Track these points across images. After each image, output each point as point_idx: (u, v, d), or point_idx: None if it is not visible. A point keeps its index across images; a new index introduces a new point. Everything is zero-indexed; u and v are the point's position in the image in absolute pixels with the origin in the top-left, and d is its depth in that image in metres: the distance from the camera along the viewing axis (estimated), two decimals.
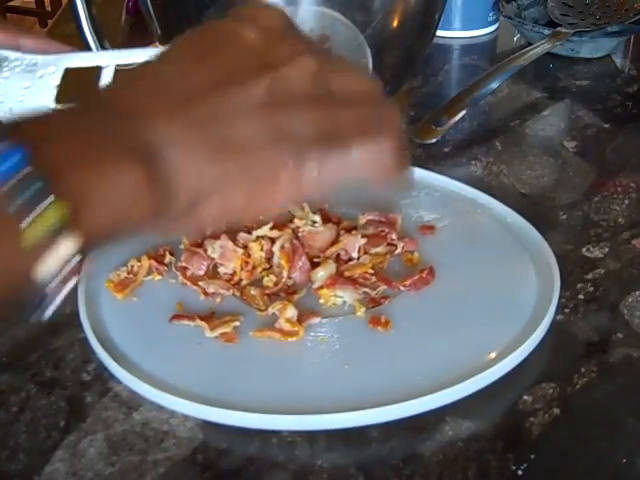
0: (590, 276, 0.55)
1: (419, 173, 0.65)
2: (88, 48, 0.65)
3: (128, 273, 0.53)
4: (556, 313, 0.50)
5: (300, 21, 0.58)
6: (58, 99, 0.42)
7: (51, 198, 0.28)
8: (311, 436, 0.43)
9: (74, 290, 0.50)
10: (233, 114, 0.33)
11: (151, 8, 0.65)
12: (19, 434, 0.43)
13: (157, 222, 0.33)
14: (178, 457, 0.42)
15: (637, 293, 0.54)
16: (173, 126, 0.32)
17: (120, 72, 0.35)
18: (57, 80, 0.42)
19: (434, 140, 0.70)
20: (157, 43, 0.67)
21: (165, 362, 0.46)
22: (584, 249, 0.58)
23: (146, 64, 0.35)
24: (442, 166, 0.68)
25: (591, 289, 0.54)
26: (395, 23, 0.63)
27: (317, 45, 0.37)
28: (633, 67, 0.92)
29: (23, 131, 0.29)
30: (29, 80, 0.42)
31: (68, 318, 0.49)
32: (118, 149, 0.31)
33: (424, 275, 0.53)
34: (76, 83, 0.41)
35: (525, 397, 0.45)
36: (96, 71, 0.47)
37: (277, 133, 0.34)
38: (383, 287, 0.52)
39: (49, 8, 3.19)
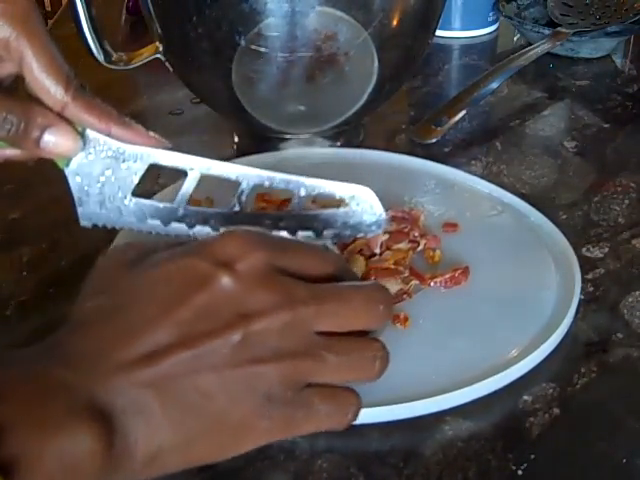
0: (590, 276, 0.55)
1: (437, 168, 0.66)
2: (88, 48, 0.65)
3: None
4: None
5: (304, 21, 0.59)
6: (135, 192, 0.43)
7: None
8: (311, 436, 0.43)
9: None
10: (198, 374, 0.32)
11: (151, 8, 0.64)
12: None
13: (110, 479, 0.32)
14: None
15: (637, 293, 0.54)
16: (131, 388, 0.31)
17: (83, 306, 0.34)
18: (139, 174, 0.43)
19: (434, 140, 0.70)
20: (157, 43, 0.67)
21: None
22: (584, 249, 0.58)
23: (113, 298, 0.34)
24: (437, 163, 0.68)
25: (591, 289, 0.54)
26: (395, 22, 0.63)
27: (301, 285, 0.34)
28: (633, 67, 0.92)
29: None
30: (111, 167, 0.42)
31: None
32: (71, 411, 0.30)
33: (456, 275, 0.53)
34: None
35: (525, 397, 0.45)
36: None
37: (242, 392, 0.33)
38: (415, 282, 0.52)
39: (49, 8, 3.19)
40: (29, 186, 0.67)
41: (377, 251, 0.54)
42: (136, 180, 0.43)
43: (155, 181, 0.66)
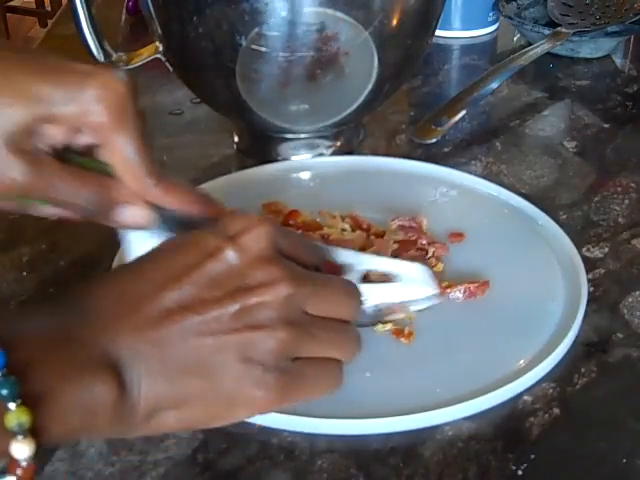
0: (590, 276, 0.54)
1: (442, 172, 0.66)
2: (88, 48, 0.65)
3: None
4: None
5: (304, 21, 0.59)
6: None
7: (17, 402, 0.30)
8: (311, 436, 0.43)
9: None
10: (198, 337, 0.34)
11: (151, 8, 0.65)
12: None
13: (114, 431, 0.34)
14: (178, 457, 0.42)
15: (637, 293, 0.54)
16: (139, 345, 0.34)
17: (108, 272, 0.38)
18: None
19: (434, 140, 0.70)
20: (157, 43, 0.67)
21: None
22: (584, 249, 0.58)
23: (128, 266, 0.37)
24: (442, 166, 0.68)
25: (591, 289, 0.53)
26: (395, 22, 0.63)
27: (297, 266, 0.37)
28: (633, 67, 0.92)
29: (4, 332, 0.31)
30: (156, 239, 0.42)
31: None
32: (88, 363, 0.32)
33: (472, 289, 0.52)
34: None
35: (525, 397, 0.45)
36: None
37: (239, 359, 0.35)
38: None
39: (49, 8, 3.19)
40: None
41: None
42: None
43: None
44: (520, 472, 0.41)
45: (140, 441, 0.42)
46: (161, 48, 0.67)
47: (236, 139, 0.74)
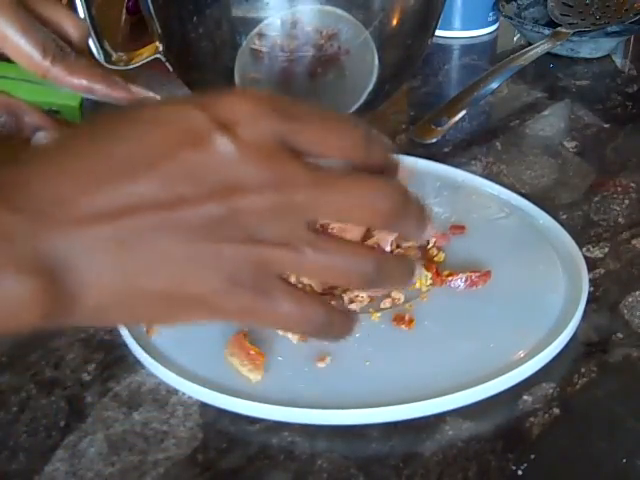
0: (590, 276, 0.54)
1: (443, 170, 0.66)
2: (88, 48, 0.65)
3: None
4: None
5: (305, 20, 0.59)
6: None
7: None
8: (311, 436, 0.43)
9: None
10: (166, 236, 0.29)
11: (151, 8, 0.65)
12: (19, 434, 0.43)
13: (54, 324, 0.29)
14: (178, 457, 0.42)
15: (637, 293, 0.54)
16: (90, 240, 0.28)
17: (51, 143, 0.32)
18: None
19: (434, 140, 0.70)
20: (157, 43, 0.67)
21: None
22: (584, 249, 0.58)
23: (86, 136, 0.30)
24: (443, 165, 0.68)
25: (591, 289, 0.53)
26: (395, 22, 0.63)
27: (303, 170, 0.30)
28: (633, 67, 0.92)
29: None
30: None
31: None
32: (12, 265, 0.27)
33: (474, 278, 0.52)
34: None
35: (525, 397, 0.45)
36: None
37: (206, 267, 0.30)
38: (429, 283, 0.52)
39: None
40: None
41: (388, 249, 0.54)
42: None
43: None
44: (520, 472, 0.41)
45: (140, 441, 0.42)
46: (161, 48, 0.67)
47: None
